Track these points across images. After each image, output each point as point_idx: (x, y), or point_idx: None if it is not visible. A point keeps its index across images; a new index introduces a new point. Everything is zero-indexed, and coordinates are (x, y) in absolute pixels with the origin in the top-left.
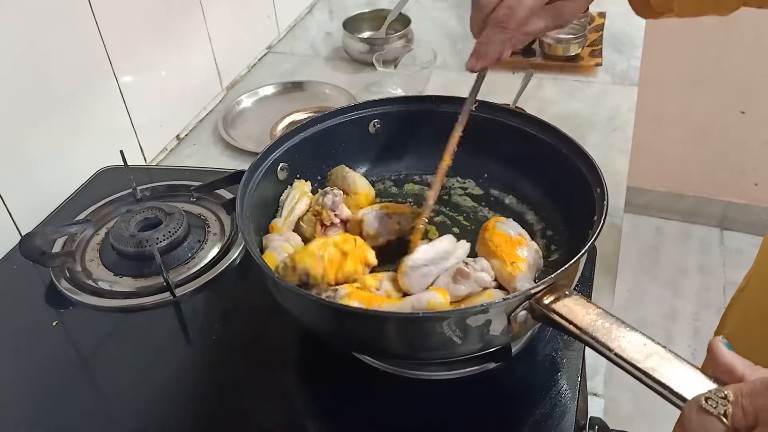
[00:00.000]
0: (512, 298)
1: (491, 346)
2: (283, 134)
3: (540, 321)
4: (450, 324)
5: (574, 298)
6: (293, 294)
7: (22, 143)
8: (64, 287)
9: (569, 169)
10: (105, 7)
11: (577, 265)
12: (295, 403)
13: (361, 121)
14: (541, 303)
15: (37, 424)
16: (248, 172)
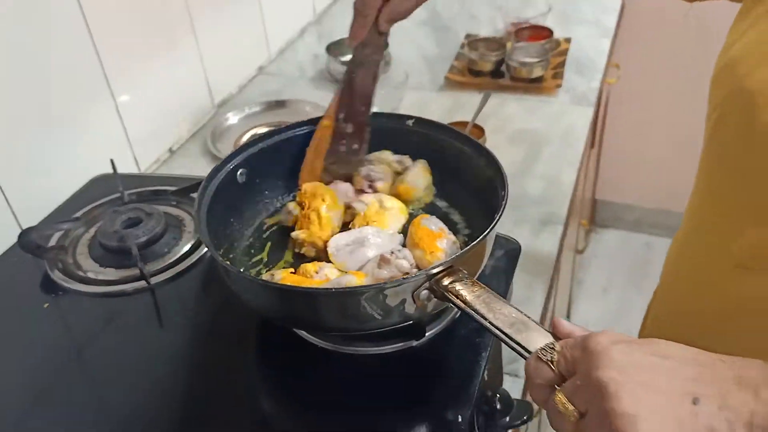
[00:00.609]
0: (413, 278)
1: (404, 321)
2: (242, 144)
3: (441, 299)
4: (363, 300)
5: (468, 281)
6: (235, 275)
7: (25, 152)
8: (57, 276)
9: (483, 175)
10: (102, 30)
11: (472, 253)
12: (247, 376)
13: (312, 134)
14: (440, 284)
15: (30, 387)
16: (208, 175)
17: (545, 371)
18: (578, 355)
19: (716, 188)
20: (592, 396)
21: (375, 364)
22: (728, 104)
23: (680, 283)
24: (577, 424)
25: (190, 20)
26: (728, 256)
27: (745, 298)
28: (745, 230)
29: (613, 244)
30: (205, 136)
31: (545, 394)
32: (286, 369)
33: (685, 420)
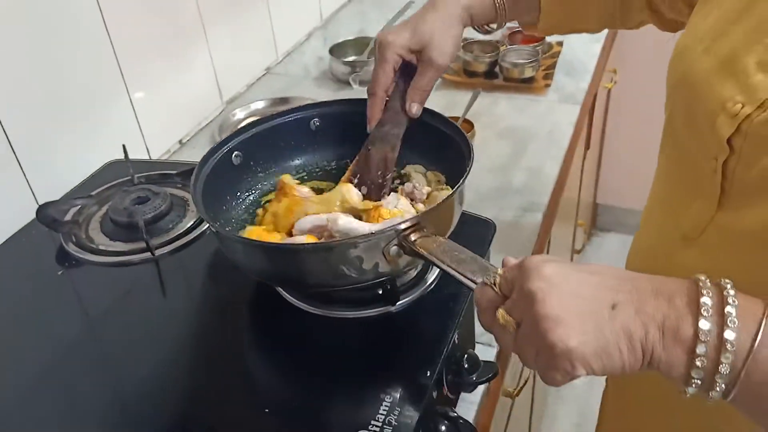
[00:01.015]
0: (383, 233)
1: (377, 277)
2: (237, 129)
3: (409, 254)
4: (337, 254)
5: (433, 237)
6: (223, 235)
7: (47, 139)
8: (71, 248)
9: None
10: (120, 32)
11: (438, 212)
12: (240, 339)
13: (303, 120)
14: (408, 239)
15: (44, 346)
16: (204, 155)
17: (488, 292)
18: (516, 274)
19: (669, 170)
20: (524, 305)
21: (355, 327)
22: (677, 91)
23: (638, 255)
24: (516, 335)
25: (202, 24)
26: (677, 229)
27: (687, 266)
28: (689, 204)
29: (615, 247)
30: (213, 129)
31: (491, 315)
32: (275, 332)
33: (604, 322)
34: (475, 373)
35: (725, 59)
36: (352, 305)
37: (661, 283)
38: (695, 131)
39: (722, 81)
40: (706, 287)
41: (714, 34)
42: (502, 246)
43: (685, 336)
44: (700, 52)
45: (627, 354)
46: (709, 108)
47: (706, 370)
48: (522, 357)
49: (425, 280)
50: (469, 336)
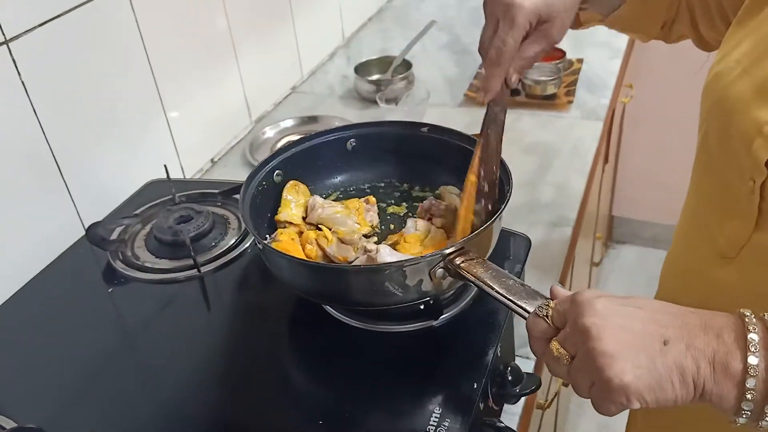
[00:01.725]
0: (430, 257)
1: (421, 297)
2: (278, 149)
3: (454, 277)
4: (386, 276)
5: (478, 260)
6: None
7: (89, 160)
8: (119, 266)
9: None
10: (157, 55)
11: (480, 237)
12: (284, 353)
13: (340, 140)
14: (453, 263)
15: (95, 360)
16: (249, 175)
17: (541, 324)
18: (568, 308)
19: (704, 189)
20: (579, 340)
21: (399, 341)
22: (712, 114)
23: (672, 273)
24: (570, 367)
25: (233, 46)
26: (713, 247)
27: (724, 284)
28: (725, 223)
29: (631, 259)
30: (244, 147)
31: (543, 346)
32: (318, 345)
33: (656, 357)
34: (519, 385)
35: (762, 84)
36: (395, 320)
37: (708, 318)
38: (731, 153)
39: (759, 105)
40: (752, 323)
41: (751, 59)
42: (535, 261)
43: (735, 370)
44: (735, 77)
45: (679, 388)
46: (745, 131)
47: (756, 402)
48: (576, 387)
49: (465, 295)
50: (509, 349)
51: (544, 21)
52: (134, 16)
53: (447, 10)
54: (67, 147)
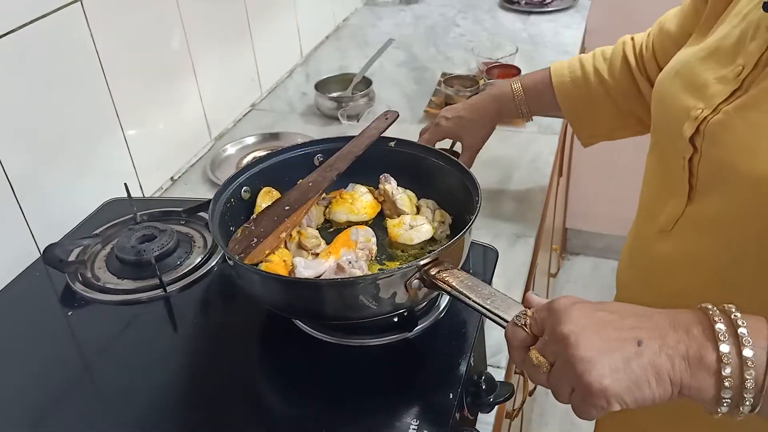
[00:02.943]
0: (406, 268)
1: (396, 310)
2: (245, 165)
3: (430, 287)
4: (360, 289)
5: (452, 270)
6: (243, 269)
7: (44, 179)
8: (78, 288)
9: (459, 184)
10: (115, 74)
11: (453, 247)
12: (254, 371)
13: (307, 155)
14: (429, 273)
15: (54, 386)
16: (217, 192)
17: (520, 333)
18: (545, 316)
19: (654, 179)
20: (557, 347)
21: (373, 353)
22: (657, 111)
23: (624, 253)
24: (549, 374)
25: (191, 64)
26: (655, 224)
27: (662, 255)
28: (666, 202)
29: (585, 269)
30: (204, 165)
31: (522, 354)
32: (290, 363)
33: (632, 359)
34: (493, 394)
35: (690, 79)
36: (369, 333)
37: (674, 317)
38: (670, 139)
39: (688, 95)
40: (716, 314)
41: (682, 62)
42: (500, 272)
43: (710, 361)
44: (671, 78)
45: (656, 386)
46: (677, 117)
47: (734, 389)
48: (557, 393)
49: (438, 305)
50: (481, 358)
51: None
52: (90, 33)
53: (403, 29)
54: (20, 166)
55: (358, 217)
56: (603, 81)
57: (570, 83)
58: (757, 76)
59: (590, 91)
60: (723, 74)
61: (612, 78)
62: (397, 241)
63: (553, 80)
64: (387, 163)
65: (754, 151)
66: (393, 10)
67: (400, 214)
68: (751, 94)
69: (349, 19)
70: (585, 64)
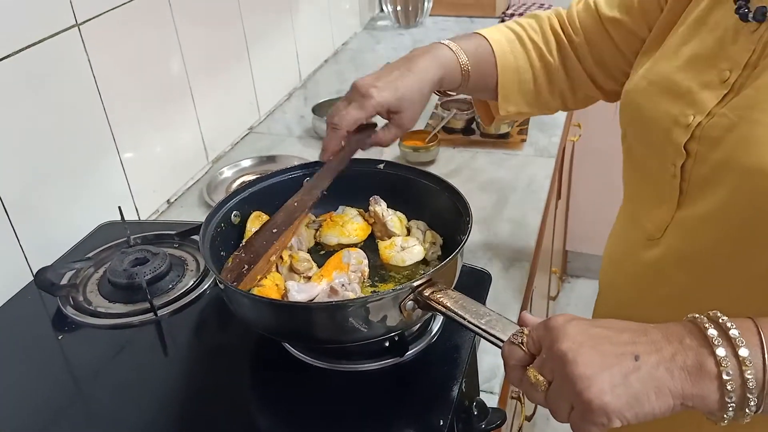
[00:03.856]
0: (400, 289)
1: (388, 332)
2: (234, 190)
3: (423, 308)
4: (351, 312)
5: (446, 291)
6: (232, 292)
7: (38, 201)
8: (69, 312)
9: (449, 205)
10: (111, 96)
11: (446, 268)
12: (245, 397)
13: (296, 179)
14: (423, 294)
15: (45, 411)
16: (207, 217)
17: (517, 352)
18: (542, 334)
19: (632, 187)
20: (555, 365)
21: (364, 379)
22: (632, 123)
23: (608, 262)
24: (547, 393)
25: (189, 87)
26: (641, 232)
27: (651, 262)
28: (652, 211)
29: (586, 292)
30: (201, 188)
31: (519, 373)
32: (281, 388)
33: (631, 374)
34: (485, 420)
35: (669, 86)
36: (361, 358)
37: (666, 329)
38: (652, 149)
39: (669, 103)
40: (704, 322)
41: (654, 71)
42: (495, 296)
43: (709, 367)
44: (644, 87)
45: (655, 400)
46: (662, 125)
47: (737, 390)
48: (555, 412)
49: (430, 330)
50: (474, 384)
51: (394, 112)
52: (87, 57)
53: (401, 52)
54: (14, 189)
55: (348, 239)
56: (542, 55)
57: (510, 54)
58: (747, 77)
59: (531, 64)
60: (706, 80)
61: (549, 53)
62: (388, 263)
63: (495, 49)
64: (376, 185)
65: (759, 145)
66: (392, 34)
67: (391, 235)
68: (747, 93)
69: (348, 43)
70: (520, 35)
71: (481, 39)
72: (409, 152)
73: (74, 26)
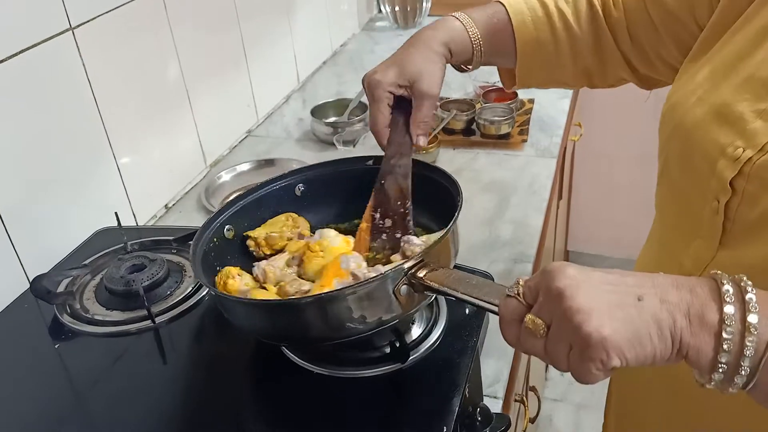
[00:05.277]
0: (391, 274)
1: (392, 321)
2: (225, 203)
3: (419, 291)
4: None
5: (440, 269)
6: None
7: (34, 208)
8: (66, 320)
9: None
10: (108, 103)
11: (438, 247)
12: (245, 404)
13: (288, 187)
14: (417, 276)
15: (42, 420)
16: (198, 233)
17: (514, 303)
18: (539, 279)
19: (668, 215)
20: (554, 304)
21: (365, 385)
22: (672, 141)
23: None
24: (547, 337)
25: (185, 91)
26: (679, 268)
27: None
28: (689, 244)
29: None
30: (199, 192)
31: (516, 328)
32: (282, 394)
33: (633, 311)
34: (489, 426)
35: (719, 109)
36: (362, 364)
37: (678, 278)
38: (693, 176)
39: (718, 128)
40: (725, 279)
41: (705, 88)
42: None
43: (711, 321)
44: (691, 105)
45: (657, 341)
46: (707, 153)
47: (732, 354)
48: (554, 357)
49: (431, 336)
50: (477, 389)
51: (409, 85)
52: (81, 61)
53: None
54: (9, 196)
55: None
56: (568, 26)
57: (531, 24)
58: None
59: (554, 35)
60: (763, 108)
61: (577, 24)
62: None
63: (513, 18)
64: (367, 183)
65: None
66: (390, 35)
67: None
68: None
69: (347, 44)
70: (545, 2)
71: (497, 6)
72: None
73: (68, 30)
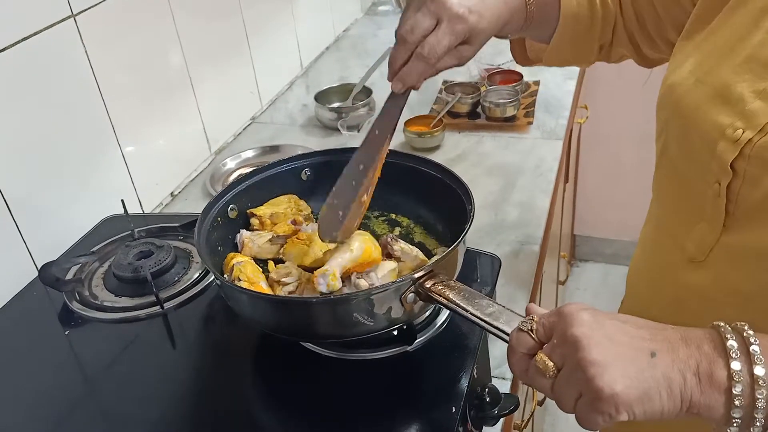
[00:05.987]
0: (399, 282)
1: (395, 324)
2: (230, 183)
3: (425, 300)
4: (354, 306)
5: (449, 282)
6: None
7: (41, 197)
8: (76, 307)
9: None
10: (111, 91)
11: (447, 259)
12: (255, 388)
13: (294, 170)
14: (424, 286)
15: (53, 406)
16: (203, 211)
17: (526, 339)
18: (555, 320)
19: (667, 197)
20: (567, 350)
21: (374, 367)
22: (670, 123)
23: (641, 280)
24: (555, 379)
25: (189, 79)
26: (681, 252)
27: (695, 286)
28: (692, 228)
29: (595, 276)
30: (204, 179)
31: (525, 362)
32: (290, 378)
33: (645, 369)
34: (497, 406)
35: (719, 90)
36: (369, 347)
37: (685, 332)
38: (693, 158)
39: (717, 109)
40: (728, 332)
41: (703, 69)
42: (504, 280)
43: (720, 378)
44: (690, 86)
45: (667, 400)
46: (707, 135)
47: (745, 408)
48: (561, 399)
49: (439, 317)
50: (485, 370)
51: (465, 42)
52: (85, 50)
53: None
54: (16, 185)
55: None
56: (604, 3)
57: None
58: None
59: (592, 11)
60: (762, 88)
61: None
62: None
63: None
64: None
65: None
66: (393, 19)
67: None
68: None
69: (350, 29)
70: None
71: None
72: (414, 138)
73: (70, 17)
